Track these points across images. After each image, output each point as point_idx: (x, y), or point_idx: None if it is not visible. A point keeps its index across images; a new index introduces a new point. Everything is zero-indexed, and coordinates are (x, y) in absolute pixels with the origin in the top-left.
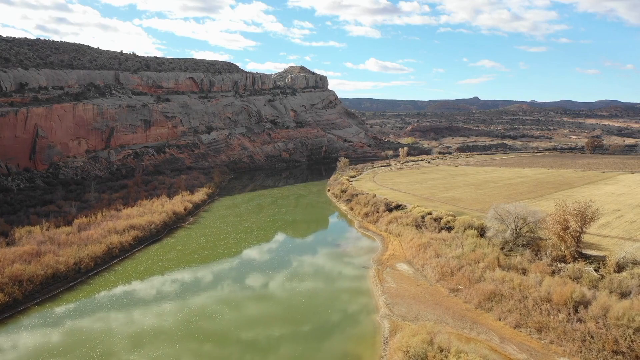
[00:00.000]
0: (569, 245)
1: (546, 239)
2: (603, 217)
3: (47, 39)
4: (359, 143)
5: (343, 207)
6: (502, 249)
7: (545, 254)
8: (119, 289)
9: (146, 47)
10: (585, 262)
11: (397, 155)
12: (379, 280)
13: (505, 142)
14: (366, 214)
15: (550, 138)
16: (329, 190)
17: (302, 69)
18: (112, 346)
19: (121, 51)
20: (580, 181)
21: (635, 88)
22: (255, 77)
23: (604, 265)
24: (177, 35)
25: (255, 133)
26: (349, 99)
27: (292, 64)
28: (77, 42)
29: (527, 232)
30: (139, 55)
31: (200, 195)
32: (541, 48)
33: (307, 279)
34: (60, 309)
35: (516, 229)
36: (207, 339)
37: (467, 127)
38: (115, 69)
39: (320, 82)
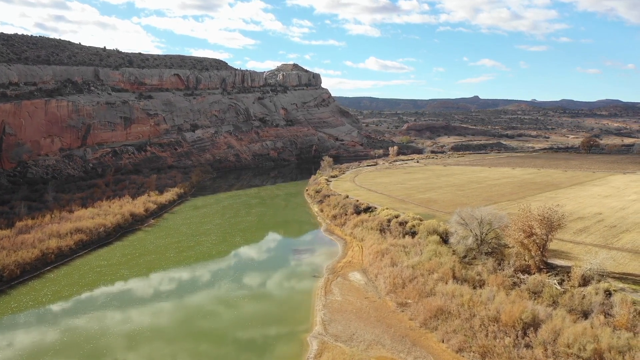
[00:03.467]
0: (533, 254)
1: (512, 247)
2: (581, 221)
3: (25, 34)
4: (351, 142)
5: (315, 208)
6: (464, 257)
7: (509, 264)
8: (38, 300)
9: (145, 46)
10: (550, 273)
11: (387, 154)
12: (325, 292)
13: (502, 141)
14: (334, 217)
15: (548, 138)
16: (306, 190)
17: (295, 66)
18: None
19: (104, 47)
20: (568, 182)
21: (636, 87)
22: (244, 75)
23: (569, 277)
24: (176, 34)
25: (243, 131)
26: (348, 97)
27: (292, 62)
28: (74, 40)
29: (492, 238)
30: (123, 51)
31: (169, 195)
32: (541, 47)
33: (247, 290)
34: None
35: (481, 235)
36: None
37: (465, 126)
38: (96, 65)
39: (313, 80)
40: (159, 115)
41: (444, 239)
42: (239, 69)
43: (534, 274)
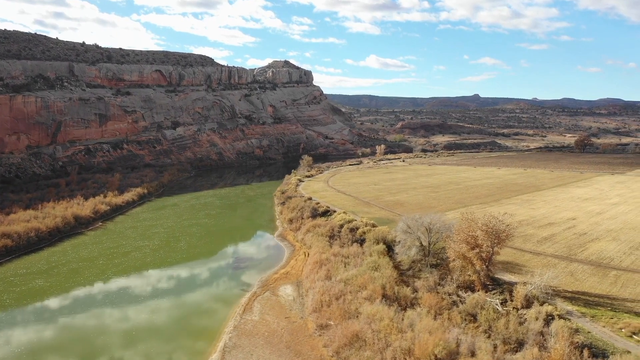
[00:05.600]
0: (478, 268)
1: (453, 260)
2: (550, 228)
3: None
4: (341, 140)
5: (278, 210)
6: (408, 269)
7: (452, 279)
8: None
9: (145, 43)
10: (495, 291)
11: (375, 153)
12: (244, 310)
13: (496, 140)
14: (290, 221)
15: (545, 137)
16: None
17: (286, 63)
18: None
19: (82, 42)
20: (552, 183)
21: (637, 86)
22: (231, 71)
23: (512, 297)
24: (175, 31)
25: (228, 129)
26: (348, 95)
27: (292, 60)
28: (74, 38)
29: (440, 249)
30: (102, 46)
31: (128, 196)
32: (542, 46)
33: (163, 306)
34: None
35: (429, 245)
36: None
37: (461, 125)
38: (71, 60)
39: (304, 77)
40: (137, 112)
41: (393, 248)
42: (225, 65)
43: (478, 291)
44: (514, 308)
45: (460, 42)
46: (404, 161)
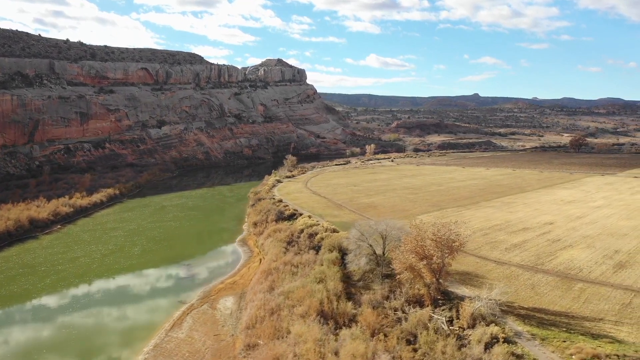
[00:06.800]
0: (428, 281)
1: (400, 273)
2: (523, 233)
3: None
4: (333, 139)
5: (247, 212)
6: (359, 280)
7: (401, 292)
8: None
9: (145, 42)
10: (444, 307)
11: (364, 153)
12: (173, 325)
13: (492, 140)
14: (255, 224)
15: (542, 136)
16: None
17: (279, 61)
18: None
19: (66, 39)
20: (538, 184)
21: (638, 86)
22: (221, 69)
23: (458, 316)
24: (175, 30)
25: (216, 128)
26: (347, 95)
27: (292, 59)
28: (73, 37)
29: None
30: (86, 44)
31: (96, 197)
32: (543, 45)
33: (82, 322)
34: None
35: (383, 253)
36: None
37: (457, 124)
38: (52, 58)
39: (297, 76)
40: (120, 111)
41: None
42: (215, 63)
43: (427, 306)
44: (459, 328)
45: (461, 42)
46: (392, 161)
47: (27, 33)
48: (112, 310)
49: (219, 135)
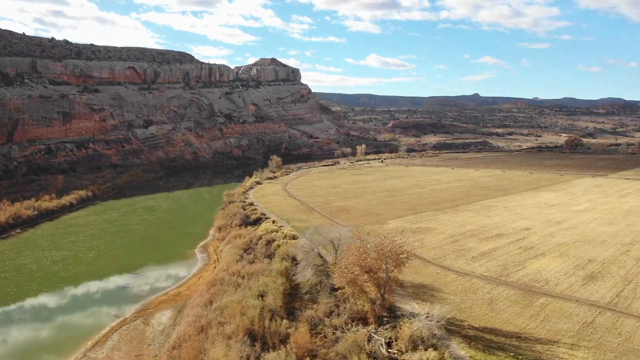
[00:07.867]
0: (372, 297)
1: (341, 288)
2: (495, 240)
3: None
4: (326, 140)
5: (216, 215)
6: (307, 293)
7: (345, 309)
8: None
9: (145, 42)
10: (388, 326)
11: (355, 153)
12: (97, 343)
13: (489, 140)
14: (220, 228)
15: (540, 136)
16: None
17: (273, 61)
18: None
19: (51, 37)
20: (524, 186)
21: (638, 86)
22: (212, 69)
23: (396, 337)
24: (175, 30)
25: (205, 128)
26: (347, 94)
27: (293, 59)
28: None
29: None
30: (72, 42)
31: (66, 199)
32: (543, 45)
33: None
34: None
35: (335, 264)
36: None
37: (454, 124)
38: (35, 56)
39: (291, 75)
40: (105, 110)
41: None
42: (206, 62)
43: (371, 324)
44: (398, 351)
45: (461, 41)
46: (382, 161)
47: (9, 31)
48: (37, 326)
49: (208, 135)
